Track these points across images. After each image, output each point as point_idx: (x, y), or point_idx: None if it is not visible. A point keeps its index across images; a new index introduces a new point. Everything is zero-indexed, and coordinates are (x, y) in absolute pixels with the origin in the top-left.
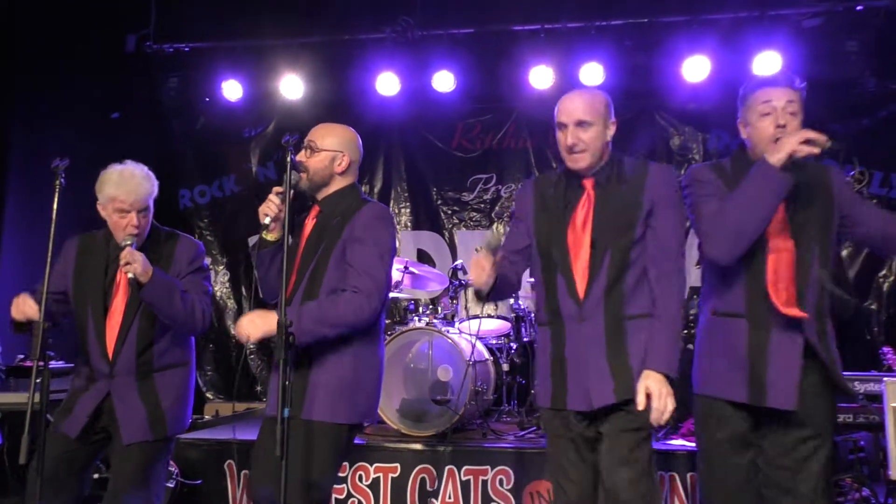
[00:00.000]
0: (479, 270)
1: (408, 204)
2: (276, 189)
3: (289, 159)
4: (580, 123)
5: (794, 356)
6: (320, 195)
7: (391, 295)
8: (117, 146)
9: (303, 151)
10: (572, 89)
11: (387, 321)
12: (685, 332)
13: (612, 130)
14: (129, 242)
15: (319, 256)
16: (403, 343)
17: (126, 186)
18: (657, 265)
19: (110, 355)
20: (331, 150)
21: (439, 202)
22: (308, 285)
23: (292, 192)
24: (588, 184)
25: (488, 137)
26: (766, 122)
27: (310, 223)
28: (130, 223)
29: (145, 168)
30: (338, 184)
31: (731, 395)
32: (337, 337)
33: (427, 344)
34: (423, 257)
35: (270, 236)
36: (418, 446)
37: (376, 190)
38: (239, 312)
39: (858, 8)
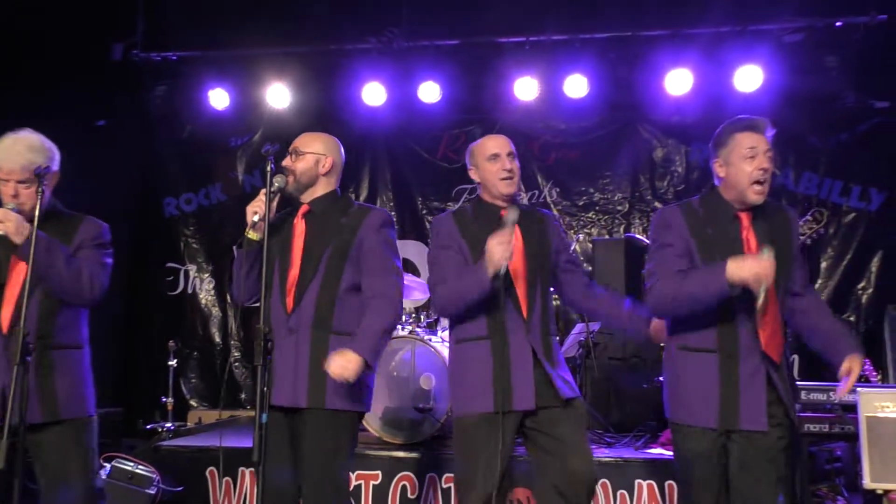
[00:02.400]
0: (506, 246)
1: (393, 213)
2: (265, 190)
3: (268, 168)
4: (510, 154)
5: (761, 384)
6: (307, 197)
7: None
8: (103, 154)
9: (287, 157)
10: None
11: None
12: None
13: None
14: (10, 207)
15: (332, 255)
16: (386, 351)
17: (8, 153)
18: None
19: (5, 330)
20: (315, 153)
21: (424, 212)
22: (324, 282)
23: (279, 195)
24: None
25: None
26: (749, 164)
27: (299, 223)
28: (6, 193)
29: (42, 139)
30: (324, 185)
31: (703, 423)
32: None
33: (410, 352)
34: (408, 266)
35: (256, 235)
36: (400, 454)
37: (362, 198)
38: (224, 320)
39: (838, 24)
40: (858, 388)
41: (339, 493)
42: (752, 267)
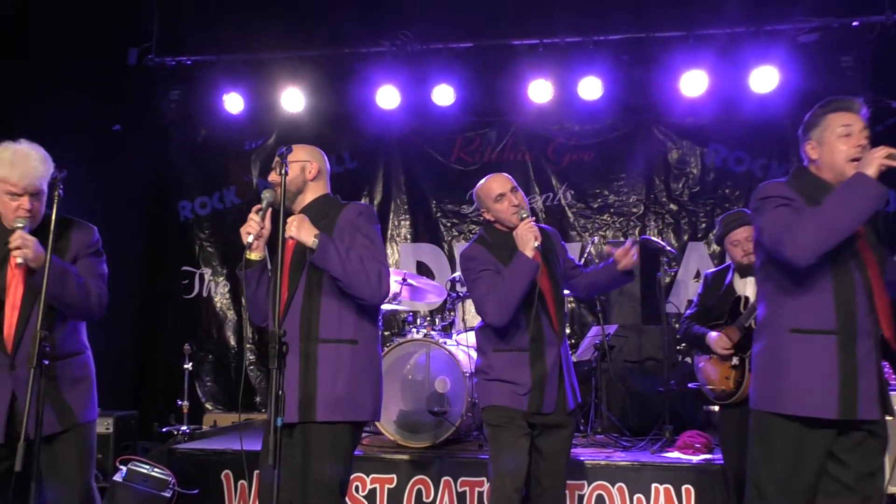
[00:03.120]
0: (534, 229)
1: (407, 216)
2: (256, 207)
3: (283, 171)
4: (513, 189)
5: (875, 368)
6: (298, 205)
7: (390, 307)
8: (118, 158)
9: (272, 172)
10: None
11: (385, 332)
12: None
13: None
14: (20, 226)
15: (313, 270)
16: (401, 354)
17: (19, 169)
18: None
19: (10, 347)
20: (298, 160)
21: (439, 215)
22: (305, 298)
23: (270, 209)
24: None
25: (487, 151)
26: (845, 143)
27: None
28: (22, 206)
29: (41, 149)
30: (312, 191)
31: (820, 412)
32: (346, 283)
33: (425, 355)
34: (422, 269)
35: (254, 255)
36: (415, 457)
37: (376, 202)
38: (239, 323)
39: (854, 24)
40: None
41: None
42: (873, 156)
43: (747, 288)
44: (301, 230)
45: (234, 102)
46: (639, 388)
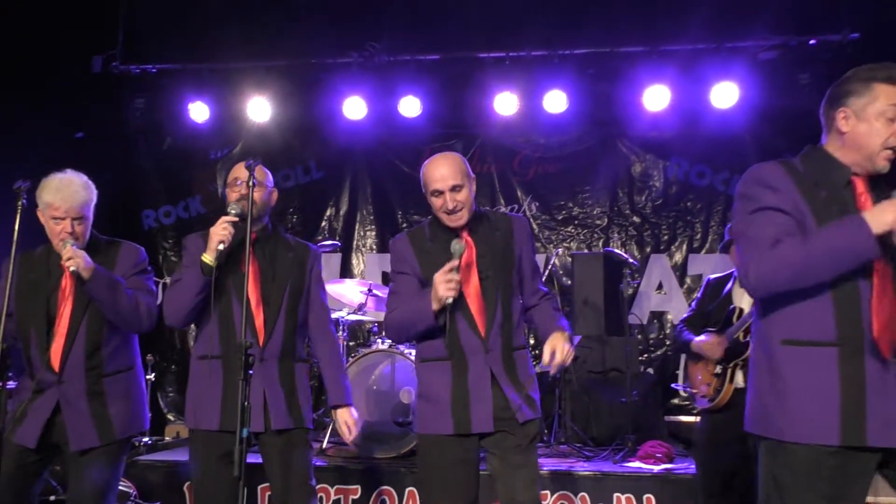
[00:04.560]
0: (452, 283)
1: (373, 227)
2: (227, 219)
3: (250, 183)
4: (455, 188)
5: (891, 387)
6: (255, 226)
7: (355, 317)
8: (82, 166)
9: (244, 185)
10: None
11: (350, 343)
12: (652, 353)
13: (474, 188)
14: (70, 243)
15: (292, 290)
16: (366, 365)
17: (62, 194)
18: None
19: (56, 365)
20: (269, 185)
21: (405, 225)
22: (287, 316)
23: (237, 218)
24: (464, 234)
25: None
26: (888, 126)
27: (250, 251)
28: (65, 230)
29: (84, 177)
30: (267, 216)
31: (820, 438)
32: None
33: (390, 366)
34: (388, 280)
35: (212, 261)
36: (380, 468)
37: (342, 213)
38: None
39: (812, 42)
40: None
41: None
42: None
43: (743, 299)
44: None
45: (199, 111)
46: (602, 398)
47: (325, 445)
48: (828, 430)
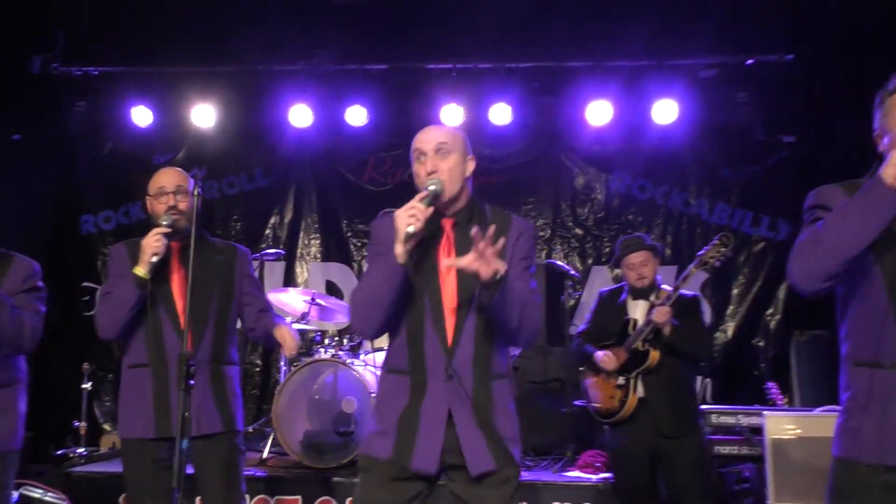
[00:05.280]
0: (413, 210)
1: (318, 235)
2: (159, 230)
3: (196, 192)
4: (439, 150)
5: None
6: (184, 233)
7: (298, 327)
8: (19, 169)
9: (171, 196)
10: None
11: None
12: None
13: (471, 166)
14: None
15: (221, 294)
16: (308, 374)
17: None
18: None
19: None
20: (192, 193)
21: (349, 234)
22: (216, 320)
23: (170, 229)
24: (447, 224)
25: (399, 172)
26: None
27: (175, 261)
28: None
29: None
30: (191, 222)
31: (878, 458)
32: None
33: (332, 375)
34: (332, 289)
35: (146, 274)
36: (320, 478)
37: (286, 221)
38: None
39: (749, 62)
40: (765, 412)
41: None
42: None
43: (637, 310)
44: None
45: (142, 115)
46: (543, 408)
47: (265, 455)
48: (891, 449)
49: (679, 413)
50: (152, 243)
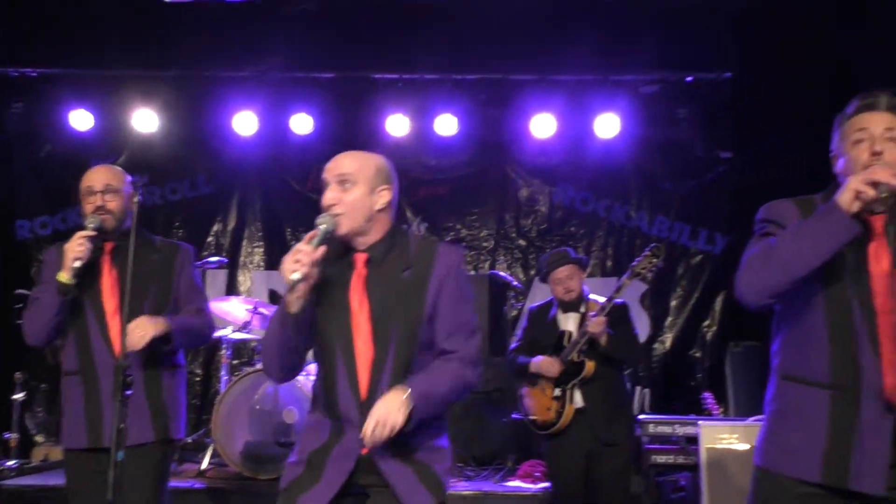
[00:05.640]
0: (299, 255)
1: (261, 243)
2: (83, 233)
3: (136, 199)
4: (342, 181)
5: (885, 437)
6: (116, 234)
7: (240, 336)
8: None
9: (99, 195)
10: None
11: (234, 362)
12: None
13: (385, 196)
14: None
15: (156, 294)
16: (249, 384)
17: None
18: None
19: None
20: (126, 191)
21: (293, 243)
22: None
23: (95, 232)
24: (359, 259)
25: None
26: (859, 149)
27: (106, 262)
28: None
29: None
30: (130, 220)
31: (800, 473)
32: (194, 345)
33: (273, 386)
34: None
35: (69, 280)
36: (260, 489)
37: (229, 228)
38: None
39: (689, 79)
40: (700, 422)
41: None
42: (852, 178)
43: (569, 323)
44: (150, 329)
45: (81, 119)
46: (484, 418)
47: (204, 466)
48: (810, 466)
49: (616, 420)
50: (74, 247)
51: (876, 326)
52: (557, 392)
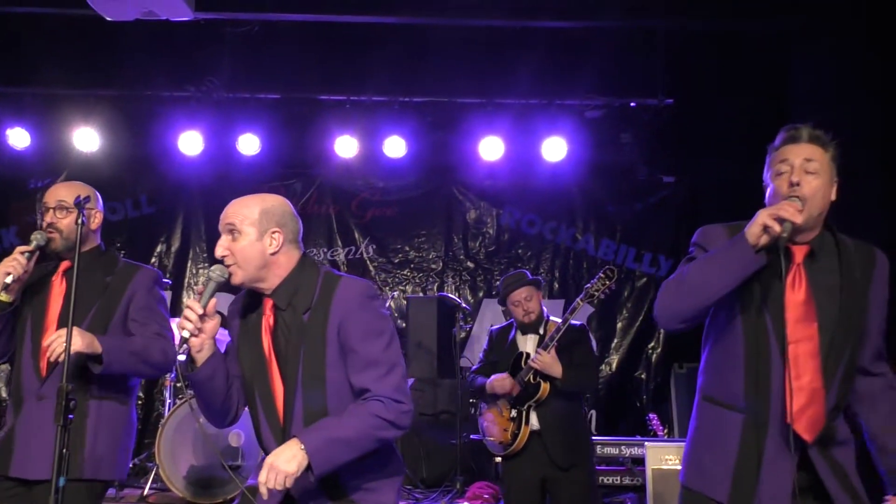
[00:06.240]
0: (185, 319)
1: (206, 265)
2: (21, 248)
3: (79, 221)
4: (230, 230)
5: (789, 474)
6: (71, 253)
7: (183, 358)
8: None
9: (50, 213)
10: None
11: (178, 384)
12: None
13: (277, 239)
14: None
15: (96, 316)
16: (195, 407)
17: None
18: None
19: None
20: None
21: None
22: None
23: (36, 254)
24: (267, 304)
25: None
26: (780, 180)
27: (58, 281)
28: None
29: None
30: (92, 240)
31: (712, 493)
32: (141, 373)
33: None
34: (221, 320)
35: (8, 297)
36: None
37: (174, 249)
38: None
39: (632, 104)
40: (646, 443)
41: None
42: (760, 212)
43: (528, 344)
44: (82, 344)
45: (19, 137)
46: (433, 440)
47: (146, 492)
48: (720, 488)
49: (572, 443)
50: (8, 262)
51: (786, 354)
52: (514, 413)
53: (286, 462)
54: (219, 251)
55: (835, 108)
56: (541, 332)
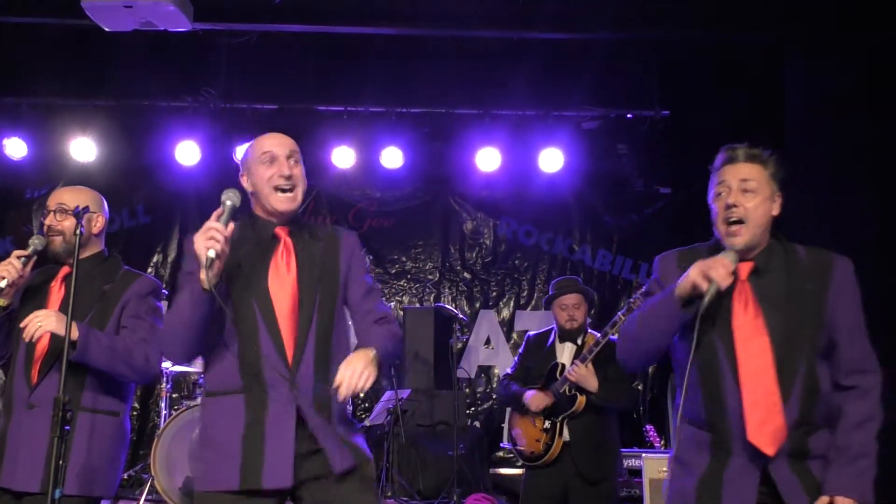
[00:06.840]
0: (211, 232)
1: None
2: (17, 252)
3: (77, 231)
4: (291, 157)
5: (750, 487)
6: (71, 258)
7: (179, 369)
8: None
9: (51, 216)
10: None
11: (174, 395)
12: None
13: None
14: None
15: (92, 323)
16: (190, 419)
17: None
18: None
19: None
20: (84, 216)
21: None
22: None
23: (33, 259)
24: (282, 232)
25: None
26: (719, 202)
27: (57, 286)
28: None
29: None
30: (94, 246)
31: None
32: (119, 372)
33: None
34: None
35: (2, 301)
36: None
37: (170, 259)
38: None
39: (629, 116)
40: (643, 455)
41: None
42: (691, 269)
43: (565, 353)
44: (58, 325)
45: (15, 147)
46: (430, 451)
47: (142, 503)
48: None
49: (601, 457)
50: (3, 266)
51: (738, 372)
52: (547, 425)
53: (370, 365)
54: (286, 170)
55: (829, 119)
56: (579, 342)
